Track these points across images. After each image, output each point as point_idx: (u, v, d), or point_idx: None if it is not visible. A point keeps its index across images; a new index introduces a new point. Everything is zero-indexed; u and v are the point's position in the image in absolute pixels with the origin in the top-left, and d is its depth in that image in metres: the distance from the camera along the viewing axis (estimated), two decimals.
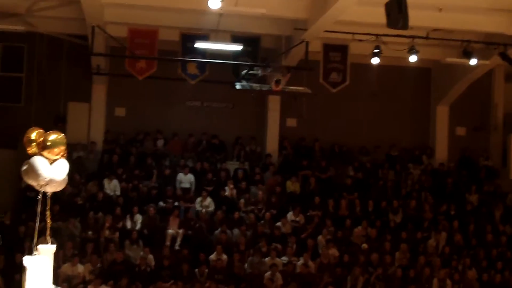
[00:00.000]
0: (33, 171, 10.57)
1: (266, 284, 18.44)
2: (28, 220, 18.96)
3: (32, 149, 11.25)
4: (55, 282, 11.30)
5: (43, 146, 10.89)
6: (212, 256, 19.45)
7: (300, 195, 22.49)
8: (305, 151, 24.28)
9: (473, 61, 20.83)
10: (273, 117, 24.60)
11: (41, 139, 11.00)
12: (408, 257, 20.30)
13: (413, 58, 20.73)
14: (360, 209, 22.14)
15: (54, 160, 10.93)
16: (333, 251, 20.05)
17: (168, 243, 20.10)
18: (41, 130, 11.34)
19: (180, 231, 20.41)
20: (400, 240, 20.75)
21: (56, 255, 11.76)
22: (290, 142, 24.56)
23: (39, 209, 10.80)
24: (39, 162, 10.58)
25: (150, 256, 19.20)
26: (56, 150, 10.93)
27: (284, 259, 19.69)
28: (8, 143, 21.95)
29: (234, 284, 18.22)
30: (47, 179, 10.52)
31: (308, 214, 21.56)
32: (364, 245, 20.37)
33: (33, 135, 11.30)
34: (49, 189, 11.09)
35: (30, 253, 11.21)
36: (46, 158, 10.85)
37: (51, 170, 10.57)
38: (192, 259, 19.43)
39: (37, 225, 10.53)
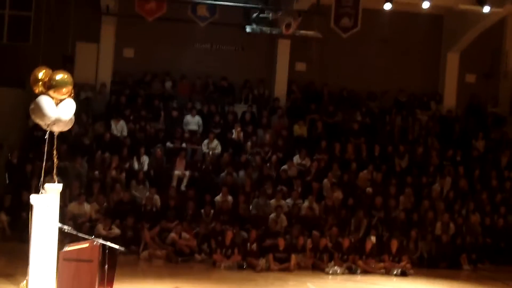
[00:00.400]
0: (39, 110, 10.69)
1: (271, 225, 18.62)
2: (35, 159, 19.12)
3: (38, 88, 11.34)
4: (61, 220, 11.52)
5: (49, 86, 10.97)
6: (218, 198, 19.62)
7: (307, 139, 22.59)
8: (313, 95, 24.28)
9: (486, 9, 20.68)
10: (283, 60, 24.49)
11: (48, 78, 11.08)
12: (412, 201, 20.44)
13: (425, 4, 20.59)
14: (366, 153, 22.22)
15: (61, 100, 11.03)
16: (338, 194, 20.20)
17: (174, 184, 20.27)
18: (48, 70, 11.40)
19: (187, 172, 20.58)
20: (405, 184, 20.87)
21: (62, 194, 11.98)
22: (299, 86, 24.56)
23: (46, 148, 10.94)
24: (45, 101, 10.69)
25: (156, 197, 19.36)
26: (63, 90, 11.02)
27: (289, 201, 19.86)
28: (16, 82, 22.00)
29: (239, 225, 18.40)
30: (52, 119, 10.63)
31: (315, 157, 21.67)
32: (369, 189, 20.51)
33: (40, 75, 11.37)
34: (56, 129, 11.21)
35: (37, 191, 11.41)
36: (52, 97, 10.93)
37: (57, 110, 10.67)
38: (198, 200, 19.61)
39: (44, 164, 10.69)
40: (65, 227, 11.22)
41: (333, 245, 17.97)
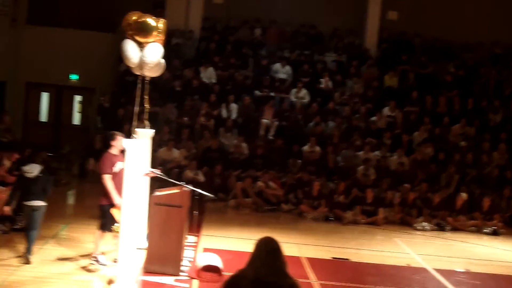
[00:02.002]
0: (124, 53, 10.68)
1: (359, 178, 18.33)
2: (127, 103, 19.32)
3: (129, 32, 11.26)
4: (151, 165, 11.56)
5: (136, 29, 10.86)
6: (306, 148, 19.44)
7: (398, 90, 22.06)
8: (405, 45, 23.64)
9: None
10: (374, 9, 23.93)
11: (136, 22, 10.97)
12: (506, 158, 19.76)
13: None
14: (459, 107, 21.57)
15: (147, 44, 10.88)
16: (429, 149, 19.71)
17: (262, 132, 20.19)
18: (139, 14, 11.29)
19: (275, 121, 20.44)
20: (499, 140, 20.16)
21: (152, 139, 12.00)
22: (390, 36, 23.96)
23: (138, 93, 10.91)
24: (129, 45, 10.64)
25: (244, 145, 19.35)
26: (150, 34, 10.88)
27: (378, 153, 19.49)
28: (107, 27, 22.21)
29: (326, 176, 18.20)
30: (135, 61, 10.57)
31: (405, 109, 21.19)
32: (463, 143, 19.92)
33: (131, 18, 11.28)
34: (148, 74, 11.15)
35: (128, 136, 11.45)
36: (139, 41, 10.82)
37: (142, 53, 10.57)
38: (285, 150, 19.48)
39: (136, 108, 10.68)
40: (156, 171, 11.26)
41: (422, 200, 17.58)
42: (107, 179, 10.40)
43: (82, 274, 10.20)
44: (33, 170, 10.77)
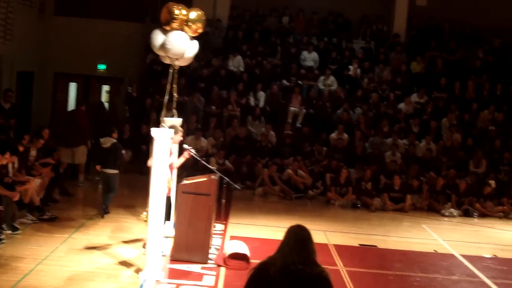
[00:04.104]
0: (150, 41, 10.84)
1: (387, 165, 18.30)
2: (155, 93, 19.42)
3: (162, 22, 11.27)
4: (179, 154, 11.66)
5: (163, 18, 10.89)
6: (333, 135, 19.45)
7: (426, 77, 21.94)
8: (434, 31, 23.48)
9: None
10: None
11: (164, 11, 10.99)
12: None
13: None
14: (488, 92, 21.41)
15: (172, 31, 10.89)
16: (457, 135, 19.62)
17: (290, 120, 20.22)
18: (171, 4, 11.24)
19: (302, 109, 20.45)
20: None
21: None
22: (419, 22, 23.80)
23: (169, 82, 10.97)
24: (156, 33, 10.75)
25: (272, 133, 19.39)
26: (177, 22, 10.86)
27: (405, 141, 19.44)
28: (135, 17, 22.33)
29: (354, 163, 18.19)
30: (157, 48, 10.67)
31: (433, 96, 21.08)
32: (491, 127, 19.78)
33: (163, 9, 11.27)
34: (177, 63, 11.22)
35: (156, 125, 11.52)
36: (166, 30, 10.87)
37: (165, 40, 10.64)
38: (313, 137, 19.49)
39: (166, 98, 10.75)
40: (192, 150, 11.29)
41: (450, 186, 17.51)
42: None
43: (111, 264, 10.33)
44: (107, 142, 13.04)
